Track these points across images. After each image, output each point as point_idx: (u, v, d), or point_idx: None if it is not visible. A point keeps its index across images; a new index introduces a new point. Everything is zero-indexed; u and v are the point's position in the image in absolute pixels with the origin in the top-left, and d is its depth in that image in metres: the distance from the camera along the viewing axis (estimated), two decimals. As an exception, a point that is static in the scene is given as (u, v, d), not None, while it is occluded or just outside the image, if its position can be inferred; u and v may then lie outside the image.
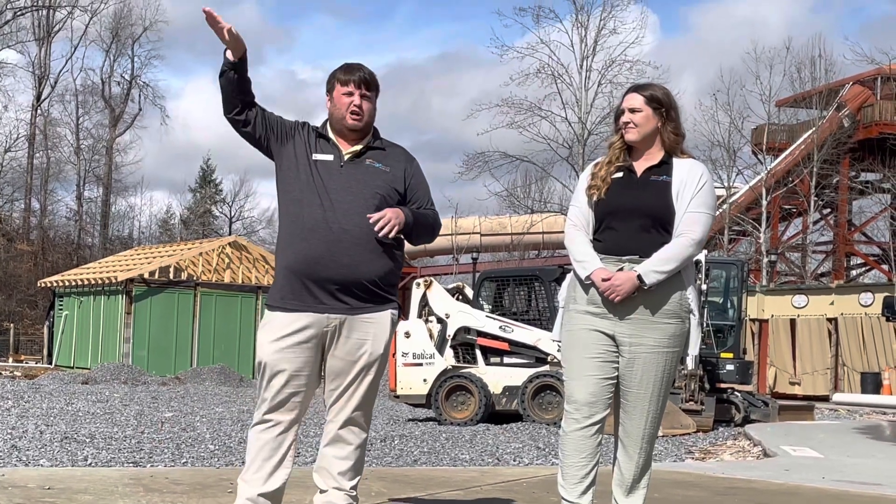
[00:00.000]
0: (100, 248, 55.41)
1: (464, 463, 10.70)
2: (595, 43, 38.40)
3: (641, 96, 4.90)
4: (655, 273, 4.69)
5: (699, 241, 4.77)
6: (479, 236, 51.73)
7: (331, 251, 4.79)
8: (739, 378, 18.83)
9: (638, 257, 4.74)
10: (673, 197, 4.79)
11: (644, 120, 4.86)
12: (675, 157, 4.90)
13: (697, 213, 4.77)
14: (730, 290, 20.25)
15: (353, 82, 4.92)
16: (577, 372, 4.84)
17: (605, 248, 4.81)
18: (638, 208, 4.79)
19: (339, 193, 4.85)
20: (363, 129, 4.97)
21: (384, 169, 4.93)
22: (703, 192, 4.81)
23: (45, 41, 56.78)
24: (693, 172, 4.84)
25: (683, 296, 4.83)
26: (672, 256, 4.72)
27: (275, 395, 4.87)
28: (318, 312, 4.84)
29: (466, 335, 16.96)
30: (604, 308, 4.78)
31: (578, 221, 4.92)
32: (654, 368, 4.79)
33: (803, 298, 31.98)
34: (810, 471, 9.53)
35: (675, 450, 13.02)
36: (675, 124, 4.93)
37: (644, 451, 4.86)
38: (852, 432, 15.83)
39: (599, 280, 4.73)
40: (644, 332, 4.77)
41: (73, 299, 32.98)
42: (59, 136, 58.22)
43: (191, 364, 29.99)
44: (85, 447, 10.76)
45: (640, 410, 4.82)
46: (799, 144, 43.42)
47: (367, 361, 4.87)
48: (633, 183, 4.85)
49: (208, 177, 68.81)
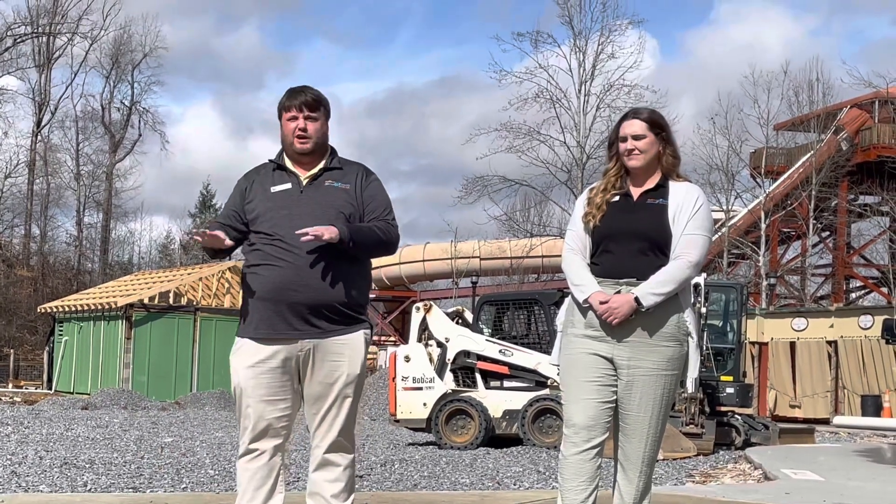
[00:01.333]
0: (100, 274, 55.42)
1: (464, 487, 10.68)
2: (593, 67, 38.56)
3: (643, 122, 4.90)
4: (653, 295, 4.71)
5: (696, 263, 4.78)
6: (479, 260, 51.74)
7: (300, 276, 4.82)
8: (739, 401, 18.80)
9: (636, 280, 4.76)
10: (670, 220, 4.81)
11: (648, 146, 4.88)
12: (671, 180, 4.92)
13: (694, 235, 4.79)
14: (729, 314, 20.25)
15: (294, 107, 4.93)
16: (576, 395, 4.84)
17: (602, 272, 4.83)
18: (635, 231, 4.81)
19: (302, 219, 4.84)
20: (315, 151, 4.98)
21: (344, 187, 4.95)
22: (700, 215, 4.83)
23: (46, 67, 56.97)
24: (689, 195, 4.86)
25: (681, 318, 4.84)
26: (669, 279, 4.74)
27: (255, 423, 4.91)
28: (289, 338, 4.87)
29: (466, 359, 16.94)
30: (601, 331, 4.80)
31: (575, 245, 4.93)
32: (652, 391, 4.80)
33: (803, 321, 31.95)
34: (811, 494, 9.52)
35: (676, 473, 13.00)
36: (673, 147, 4.97)
37: (644, 475, 4.87)
38: (853, 455, 15.80)
39: (597, 303, 4.74)
40: (642, 354, 4.78)
41: (72, 325, 32.97)
42: (59, 162, 58.41)
43: (191, 389, 29.96)
44: (85, 473, 10.75)
45: (640, 434, 4.82)
46: (797, 168, 43.50)
47: (344, 383, 4.89)
48: (629, 206, 4.87)
49: (208, 202, 68.93)
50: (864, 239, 49.50)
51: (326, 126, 5.01)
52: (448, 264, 53.88)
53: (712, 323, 19.28)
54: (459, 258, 53.04)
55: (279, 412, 4.92)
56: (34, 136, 56.38)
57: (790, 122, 45.22)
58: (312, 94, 4.96)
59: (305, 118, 4.93)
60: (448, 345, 16.97)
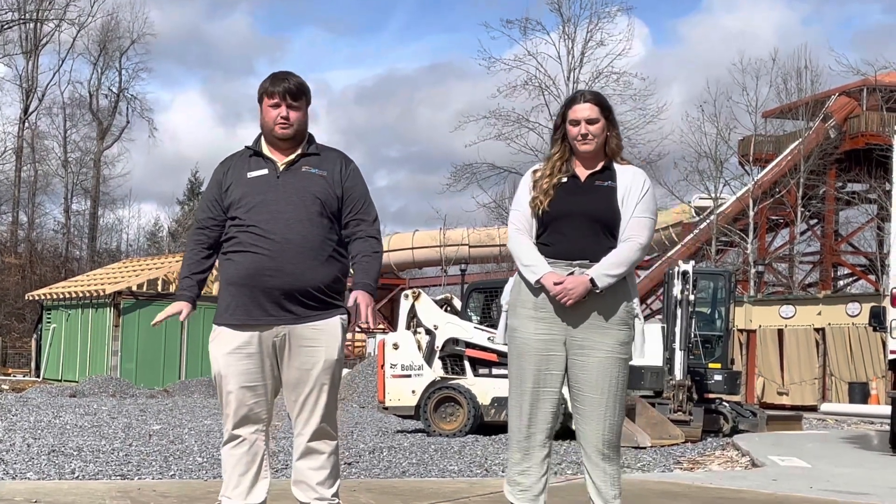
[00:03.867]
0: (87, 261, 55.29)
1: (452, 474, 10.70)
2: (582, 55, 38.55)
3: (595, 105, 4.89)
4: (607, 276, 4.74)
5: (645, 245, 4.84)
6: (468, 248, 51.81)
7: (275, 261, 4.84)
8: (727, 388, 18.86)
9: (588, 262, 4.78)
10: (619, 202, 4.83)
11: (600, 130, 4.89)
12: (615, 162, 4.94)
13: (643, 218, 4.84)
14: (717, 301, 20.31)
15: (278, 94, 4.93)
16: (526, 385, 4.86)
17: (553, 253, 4.83)
18: (586, 213, 4.83)
19: (278, 204, 4.89)
20: (294, 137, 4.99)
21: (321, 174, 4.95)
22: (647, 198, 4.88)
23: (33, 54, 56.71)
24: (637, 179, 4.90)
25: (630, 303, 4.88)
26: (622, 260, 4.78)
27: (236, 409, 4.95)
28: (265, 323, 4.89)
29: (455, 346, 16.95)
30: (553, 313, 4.81)
31: (521, 225, 4.93)
32: (608, 374, 4.82)
33: (791, 309, 32.05)
34: (798, 480, 9.55)
35: (664, 460, 13.03)
36: (617, 130, 4.98)
37: (608, 459, 4.85)
38: (840, 442, 15.86)
39: (551, 284, 4.74)
40: (596, 337, 4.80)
41: (60, 312, 32.90)
42: (47, 149, 58.24)
43: (179, 376, 29.93)
44: (72, 460, 10.73)
45: (597, 416, 4.82)
46: (786, 155, 43.54)
47: (321, 369, 4.89)
48: (578, 188, 4.88)
49: (196, 189, 68.76)
50: (852, 226, 49.60)
51: (307, 114, 5.03)
52: (437, 252, 53.96)
53: (700, 310, 19.32)
54: (448, 246, 53.12)
55: (259, 398, 4.96)
56: (21, 122, 56.18)
57: (779, 109, 45.25)
58: (296, 82, 4.96)
59: (288, 107, 4.93)
60: (437, 332, 16.97)
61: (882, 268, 42.33)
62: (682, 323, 17.59)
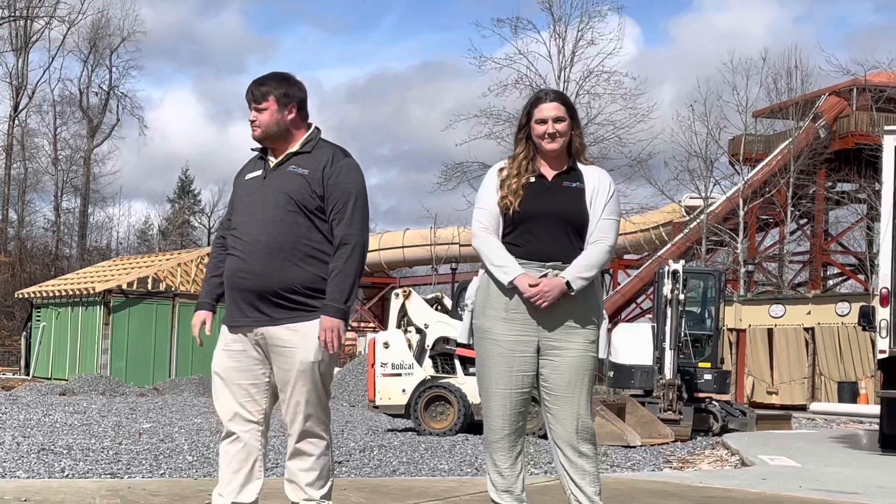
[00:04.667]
0: (77, 259, 55.20)
1: (442, 473, 10.70)
2: (573, 54, 38.59)
3: (561, 104, 4.90)
4: (581, 279, 4.75)
5: (613, 247, 4.88)
6: (458, 246, 51.77)
7: (246, 262, 4.89)
8: (717, 387, 18.89)
9: (560, 263, 4.78)
10: (587, 203, 4.85)
11: (566, 129, 4.89)
12: (579, 162, 4.95)
13: (611, 220, 4.87)
14: (707, 300, 20.33)
15: (247, 101, 5.02)
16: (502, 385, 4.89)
17: (524, 253, 4.82)
18: (556, 214, 4.82)
19: (256, 205, 4.94)
20: (272, 138, 5.01)
21: (302, 172, 4.93)
22: (614, 200, 4.91)
23: (23, 51, 56.61)
24: (603, 180, 4.91)
25: (598, 303, 4.92)
26: (593, 263, 4.80)
27: (228, 406, 5.00)
28: (244, 325, 4.95)
29: (445, 345, 16.95)
30: (526, 314, 4.80)
31: (488, 224, 4.89)
32: (580, 372, 4.83)
33: (780, 308, 32.11)
34: (788, 480, 9.57)
35: (653, 459, 13.06)
36: (580, 129, 5.00)
37: (585, 456, 4.85)
38: (829, 441, 15.90)
39: (525, 286, 4.73)
40: (568, 337, 4.81)
41: (50, 310, 32.83)
42: (37, 147, 58.13)
43: (169, 375, 29.88)
44: (62, 458, 10.71)
45: (571, 414, 4.83)
46: (776, 155, 43.59)
47: (298, 371, 4.88)
48: (547, 189, 4.87)
49: (187, 187, 68.74)
50: (842, 226, 49.69)
51: (283, 113, 4.99)
52: (427, 251, 53.93)
53: (690, 310, 19.35)
54: (439, 244, 53.09)
55: (249, 397, 4.99)
56: (11, 120, 56.04)
57: (769, 109, 45.31)
58: (259, 88, 4.99)
59: (255, 110, 4.99)
60: (427, 331, 16.97)
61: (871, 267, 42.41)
62: (672, 322, 17.61)
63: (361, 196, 4.93)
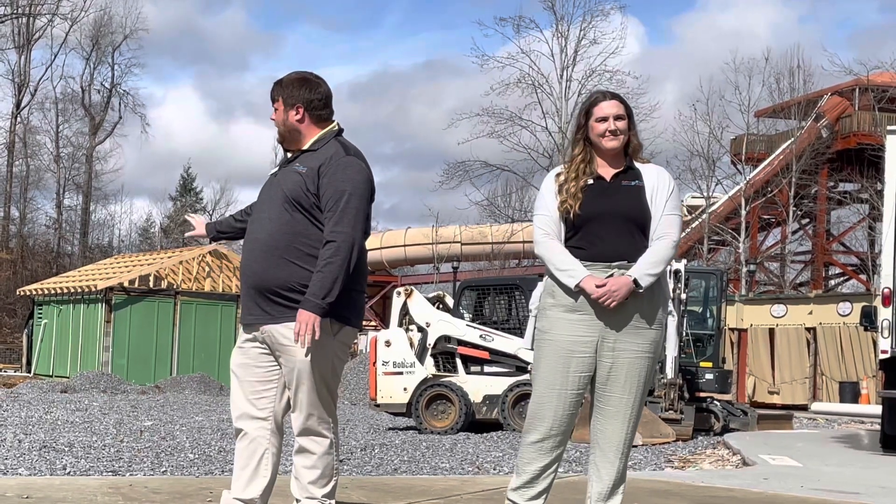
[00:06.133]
0: (79, 257, 55.15)
1: (444, 472, 10.71)
2: (575, 53, 38.59)
3: (620, 102, 4.92)
4: (649, 276, 4.74)
5: (678, 242, 4.87)
6: (460, 245, 51.73)
7: (247, 259, 4.98)
8: (719, 387, 18.88)
9: (626, 262, 4.77)
10: (648, 201, 4.84)
11: (626, 127, 4.89)
12: (636, 162, 4.94)
13: (673, 215, 4.86)
14: (709, 300, 20.32)
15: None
16: (558, 385, 4.83)
17: (590, 256, 4.80)
18: (618, 213, 4.82)
19: (263, 203, 5.04)
20: (287, 137, 5.09)
21: (301, 170, 4.95)
22: (675, 196, 4.91)
23: (25, 49, 56.56)
24: (662, 177, 4.91)
25: (666, 300, 4.93)
26: (660, 259, 4.78)
27: (238, 402, 5.08)
28: (251, 322, 5.01)
29: (447, 344, 16.96)
30: (592, 315, 4.77)
31: (550, 229, 4.87)
32: (637, 374, 4.82)
33: (782, 308, 32.09)
34: (789, 479, 9.57)
35: (655, 458, 13.05)
36: (636, 129, 5.00)
37: (624, 456, 4.89)
38: (830, 441, 15.90)
39: (592, 287, 4.70)
40: (629, 337, 4.79)
41: (52, 308, 32.83)
42: (39, 144, 58.02)
43: (171, 373, 29.88)
44: (64, 456, 10.72)
45: (623, 415, 4.84)
46: (778, 155, 43.61)
47: (299, 368, 4.90)
48: (606, 189, 4.86)
49: (189, 185, 68.71)
50: (844, 226, 49.71)
51: (289, 113, 5.03)
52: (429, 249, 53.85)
53: (692, 309, 19.34)
54: (441, 243, 53.02)
55: (258, 394, 5.04)
56: (13, 117, 55.99)
57: (771, 108, 45.32)
58: (272, 91, 5.09)
59: (275, 110, 5.08)
60: (429, 330, 16.98)
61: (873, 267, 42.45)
62: (674, 321, 17.60)
63: (357, 194, 4.86)
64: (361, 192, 4.89)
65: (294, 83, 5.03)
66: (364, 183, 4.92)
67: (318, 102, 5.03)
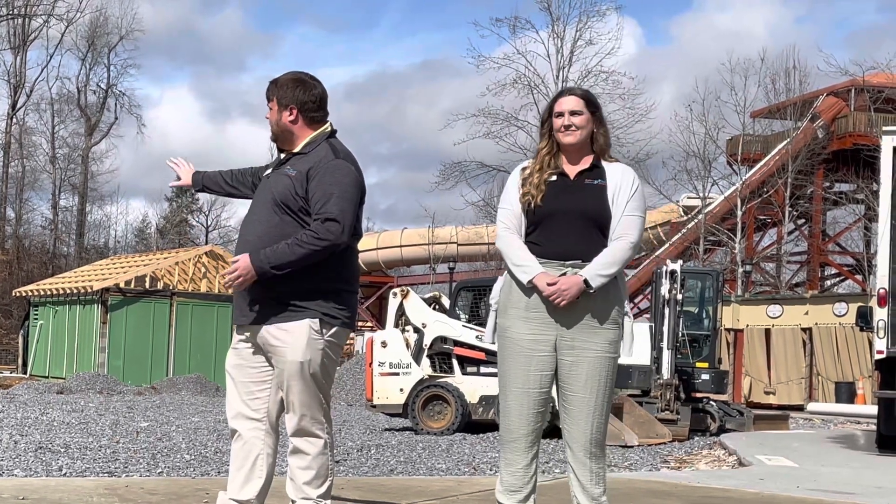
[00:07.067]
0: (75, 258, 55.12)
1: (440, 472, 10.71)
2: (571, 53, 38.61)
3: (579, 98, 4.90)
4: (600, 276, 4.71)
5: (636, 244, 4.83)
6: (456, 246, 51.78)
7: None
8: (715, 387, 18.91)
9: (580, 262, 4.75)
10: (609, 200, 4.82)
11: (584, 122, 4.87)
12: (603, 160, 4.93)
13: (634, 216, 4.82)
14: (705, 300, 20.35)
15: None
16: (516, 386, 4.85)
17: (544, 252, 4.80)
18: (577, 211, 4.80)
19: (253, 206, 5.07)
20: (279, 137, 5.09)
21: (290, 173, 4.95)
22: (637, 196, 4.86)
23: (21, 49, 56.54)
24: (626, 176, 4.88)
25: (621, 300, 4.87)
26: (614, 260, 4.75)
27: (232, 403, 5.10)
28: (243, 323, 5.03)
29: (443, 345, 16.96)
30: (545, 313, 4.78)
31: (511, 223, 4.88)
32: (597, 374, 4.81)
33: (778, 308, 32.13)
34: (785, 480, 9.58)
35: (651, 459, 13.06)
36: (605, 128, 4.96)
37: (594, 456, 4.85)
38: (826, 441, 15.92)
39: (544, 285, 4.71)
40: (586, 336, 4.78)
41: (48, 308, 32.81)
42: (35, 145, 58.05)
43: (167, 373, 29.87)
44: (60, 457, 10.71)
45: (585, 415, 4.82)
46: (773, 155, 43.61)
47: (289, 370, 4.91)
48: (568, 186, 4.85)
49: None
50: (840, 226, 49.71)
51: (283, 114, 5.03)
52: (425, 250, 53.88)
53: (688, 309, 19.36)
54: (437, 244, 53.06)
55: (252, 394, 5.05)
56: (9, 118, 55.98)
57: (767, 109, 45.33)
58: (267, 91, 5.08)
59: (269, 109, 5.08)
60: (425, 330, 16.98)
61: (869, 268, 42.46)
62: (670, 322, 17.62)
63: (345, 197, 4.86)
64: (350, 196, 4.88)
65: (289, 84, 5.03)
66: (352, 186, 4.91)
67: (311, 104, 5.03)
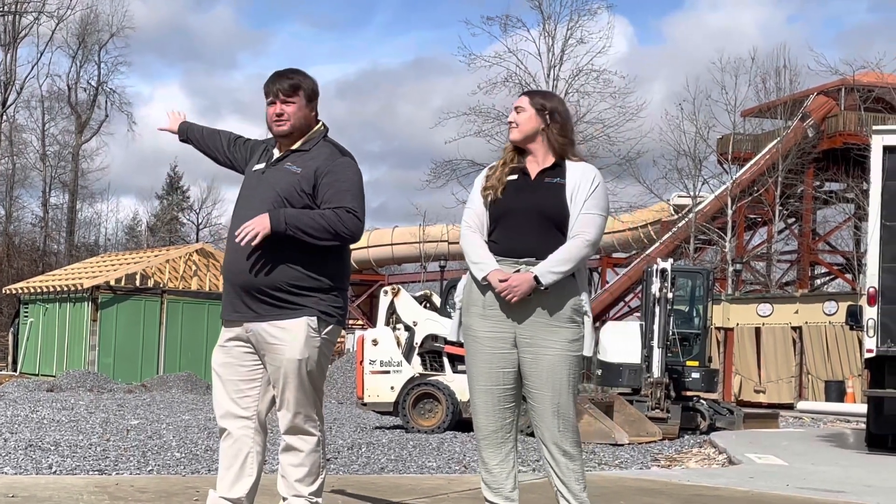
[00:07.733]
0: (65, 255, 55.00)
1: (431, 471, 10.71)
2: (562, 52, 38.53)
3: (527, 98, 4.99)
4: (552, 273, 4.73)
5: (594, 241, 4.82)
6: (447, 244, 51.77)
7: (236, 258, 4.92)
8: (705, 386, 18.95)
9: (535, 259, 4.78)
10: (567, 199, 4.84)
11: (526, 120, 4.92)
12: (567, 160, 4.95)
13: (591, 214, 4.83)
14: (695, 299, 20.39)
15: (271, 93, 5.00)
16: (483, 382, 4.93)
17: (500, 250, 4.84)
18: (533, 210, 4.83)
19: (251, 200, 4.98)
20: (292, 133, 5.02)
21: (295, 170, 4.94)
22: (597, 194, 4.87)
23: (11, 46, 56.35)
24: (586, 175, 4.90)
25: (578, 299, 4.87)
26: (568, 257, 4.77)
27: (220, 402, 5.07)
28: (236, 320, 4.99)
29: (434, 343, 16.96)
30: (500, 310, 4.82)
31: (473, 223, 4.95)
32: (557, 372, 4.82)
33: (768, 307, 32.19)
34: (775, 478, 9.61)
35: (641, 457, 13.08)
36: (560, 127, 4.95)
37: (567, 456, 4.85)
38: (816, 440, 15.96)
39: (496, 281, 4.76)
40: (543, 335, 4.80)
41: (38, 306, 32.74)
42: (25, 143, 57.84)
43: (157, 371, 29.82)
44: (50, 455, 10.69)
45: (551, 413, 4.83)
46: (764, 154, 43.70)
47: (286, 368, 4.90)
48: (527, 185, 4.90)
49: (175, 184, 68.52)
50: (830, 226, 49.83)
51: (307, 109, 5.02)
52: (416, 248, 53.90)
53: (678, 308, 19.41)
54: (428, 242, 53.07)
55: (241, 392, 5.03)
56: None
57: (757, 108, 45.42)
58: (290, 83, 4.98)
59: (282, 102, 4.96)
60: (416, 328, 16.98)
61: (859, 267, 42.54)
62: (661, 321, 17.66)
63: (359, 196, 4.94)
64: (362, 195, 4.97)
65: (311, 79, 5.05)
66: (360, 184, 5.00)
67: (316, 102, 5.08)
